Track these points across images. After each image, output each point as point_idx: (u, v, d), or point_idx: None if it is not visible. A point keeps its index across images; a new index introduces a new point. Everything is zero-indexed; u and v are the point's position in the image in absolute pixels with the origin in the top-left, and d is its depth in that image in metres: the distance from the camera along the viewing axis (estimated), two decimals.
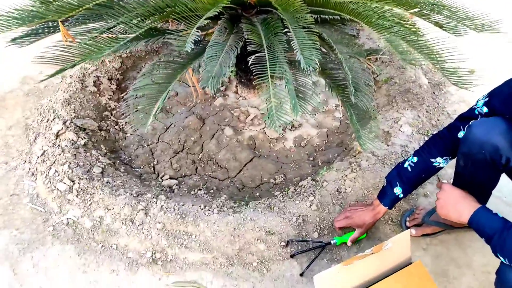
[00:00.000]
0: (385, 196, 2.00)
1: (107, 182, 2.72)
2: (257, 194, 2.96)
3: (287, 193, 2.80)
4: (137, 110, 1.97)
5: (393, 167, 2.05)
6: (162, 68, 2.21)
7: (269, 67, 1.90)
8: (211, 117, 3.62)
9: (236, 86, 3.90)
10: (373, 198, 2.65)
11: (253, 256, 2.36)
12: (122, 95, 3.80)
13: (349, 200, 2.61)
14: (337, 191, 2.63)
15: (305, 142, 3.42)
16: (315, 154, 3.34)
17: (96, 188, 2.63)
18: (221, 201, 2.72)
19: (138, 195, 2.65)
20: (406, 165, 1.88)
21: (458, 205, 1.51)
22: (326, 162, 3.23)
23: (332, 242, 2.20)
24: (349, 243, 2.19)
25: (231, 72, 3.99)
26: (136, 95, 2.08)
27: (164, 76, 2.16)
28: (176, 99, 3.82)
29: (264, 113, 3.70)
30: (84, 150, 2.96)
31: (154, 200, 2.60)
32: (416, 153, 1.87)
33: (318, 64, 1.79)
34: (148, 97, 2.00)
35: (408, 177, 1.86)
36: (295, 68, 2.35)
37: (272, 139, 3.45)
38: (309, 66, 1.72)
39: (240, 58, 2.18)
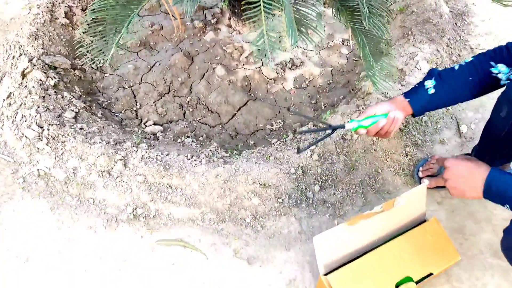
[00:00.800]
0: (413, 92, 1.50)
1: (81, 129, 2.39)
2: (252, 142, 2.65)
3: (285, 140, 2.48)
4: (101, 37, 1.57)
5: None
6: None
7: None
8: (201, 55, 3.19)
9: (229, 19, 3.42)
10: (383, 146, 2.33)
11: (246, 211, 2.11)
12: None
13: (355, 148, 2.30)
14: (342, 138, 2.31)
15: (307, 82, 3.03)
16: (318, 96, 2.97)
17: (68, 135, 2.31)
18: (210, 150, 2.41)
19: (116, 143, 2.34)
20: (455, 66, 1.44)
21: (470, 181, 1.24)
22: (330, 105, 2.87)
23: (347, 125, 1.52)
24: (363, 132, 1.55)
25: (223, 1, 3.47)
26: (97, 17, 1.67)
27: None
28: (160, 34, 3.36)
29: (260, 49, 3.25)
30: (55, 91, 2.59)
31: (134, 149, 2.29)
32: (473, 57, 1.42)
33: None
34: (109, 21, 1.59)
35: (451, 74, 1.42)
36: None
37: (270, 79, 3.06)
38: None
39: None
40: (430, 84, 1.44)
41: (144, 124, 2.75)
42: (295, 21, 1.56)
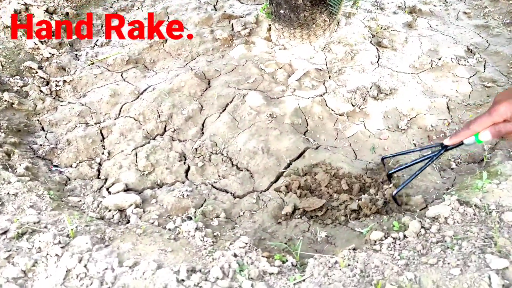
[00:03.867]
0: None
1: None
2: (322, 233, 1.25)
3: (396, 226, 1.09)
4: None
5: None
6: None
7: None
8: (223, 76, 1.96)
9: (269, 29, 2.23)
10: None
11: None
12: (68, 40, 2.19)
13: None
14: None
15: (406, 122, 1.70)
16: (430, 143, 1.60)
17: None
18: (234, 255, 1.04)
19: (20, 235, 1.00)
20: None
21: None
22: (466, 161, 1.50)
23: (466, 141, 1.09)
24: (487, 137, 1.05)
25: (261, 9, 2.31)
26: None
27: None
28: (163, 49, 2.18)
29: (321, 69, 1.98)
30: None
31: (52, 252, 0.95)
32: None
33: None
34: None
35: None
36: None
37: (340, 115, 1.75)
38: None
39: None
40: None
41: (107, 189, 1.42)
42: None
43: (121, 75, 2.01)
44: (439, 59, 2.02)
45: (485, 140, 1.08)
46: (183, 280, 0.97)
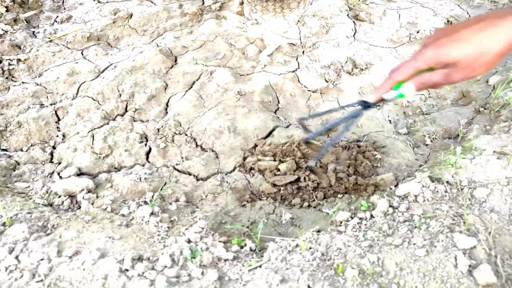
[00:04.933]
0: None
1: None
2: (287, 215, 1.18)
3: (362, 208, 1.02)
4: None
5: None
6: None
7: None
8: (190, 53, 1.84)
9: (242, 3, 2.10)
10: None
11: None
12: (24, 15, 2.04)
13: None
14: None
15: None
16: (411, 122, 1.54)
17: None
18: (188, 241, 0.96)
19: None
20: None
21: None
22: (443, 137, 1.43)
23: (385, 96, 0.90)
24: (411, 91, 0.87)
25: None
26: None
27: None
28: (127, 24, 2.04)
29: (294, 43, 1.88)
30: None
31: None
32: None
33: None
34: None
35: None
36: None
37: (313, 91, 1.66)
38: None
39: None
40: None
41: (58, 173, 1.32)
42: None
43: (81, 53, 1.88)
44: (418, 32, 1.92)
45: (408, 94, 0.87)
46: (126, 270, 0.88)
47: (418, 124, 1.53)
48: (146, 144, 1.46)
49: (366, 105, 0.97)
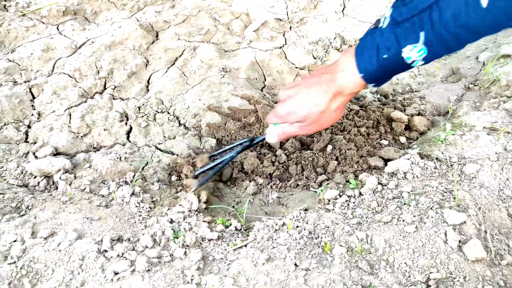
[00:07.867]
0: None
1: None
2: (273, 195, 1.15)
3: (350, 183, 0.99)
4: None
5: None
6: None
7: None
8: (172, 28, 1.76)
9: None
10: None
11: None
12: None
13: None
14: None
15: None
16: (400, 99, 1.50)
17: None
18: (171, 221, 0.92)
19: None
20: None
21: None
22: (432, 114, 1.40)
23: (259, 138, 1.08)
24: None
25: None
26: None
27: None
28: None
29: (281, 18, 1.81)
30: None
31: None
32: None
33: None
34: None
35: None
36: None
37: (301, 68, 1.61)
38: None
39: None
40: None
41: (34, 153, 1.25)
42: None
43: (57, 28, 1.78)
44: None
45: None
46: (105, 251, 0.84)
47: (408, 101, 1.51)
48: (126, 123, 1.40)
49: (252, 141, 1.09)
